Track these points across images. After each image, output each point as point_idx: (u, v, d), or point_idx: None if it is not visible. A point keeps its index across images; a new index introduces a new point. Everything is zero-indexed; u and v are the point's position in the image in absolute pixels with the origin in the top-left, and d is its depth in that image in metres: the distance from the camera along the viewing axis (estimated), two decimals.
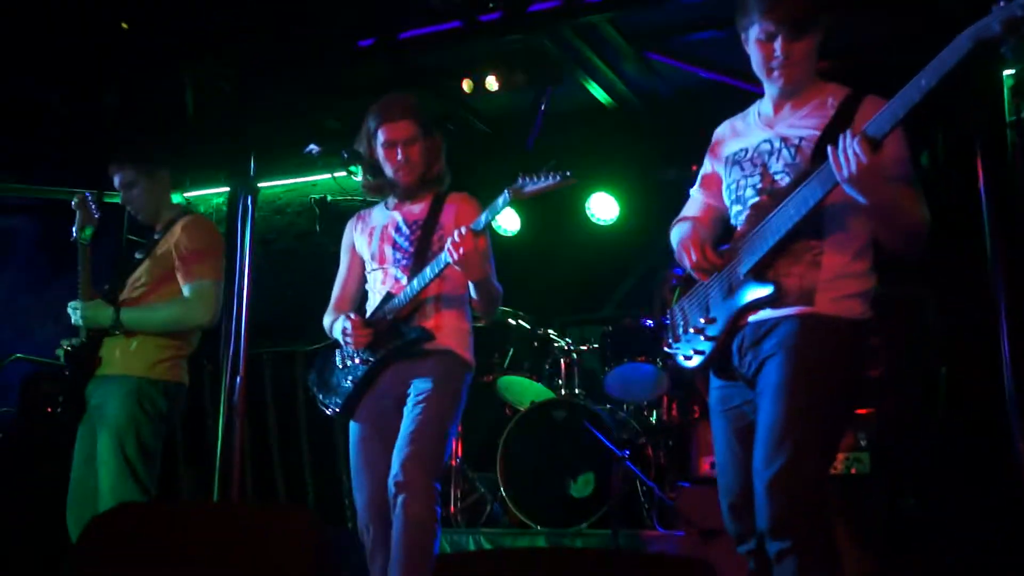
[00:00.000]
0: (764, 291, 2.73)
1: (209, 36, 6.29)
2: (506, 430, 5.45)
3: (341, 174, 3.85)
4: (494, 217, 3.34)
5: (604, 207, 7.21)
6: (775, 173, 2.83)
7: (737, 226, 2.94)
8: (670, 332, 3.06)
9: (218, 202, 8.31)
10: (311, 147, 3.68)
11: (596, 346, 5.93)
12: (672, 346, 3.04)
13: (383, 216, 3.73)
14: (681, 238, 2.97)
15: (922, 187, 2.76)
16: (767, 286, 2.73)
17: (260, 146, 6.25)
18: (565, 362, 5.94)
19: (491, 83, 6.35)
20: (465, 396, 3.56)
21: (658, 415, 5.84)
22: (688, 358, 2.95)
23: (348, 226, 3.85)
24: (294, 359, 6.98)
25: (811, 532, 2.57)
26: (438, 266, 3.41)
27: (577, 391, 5.81)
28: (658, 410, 5.84)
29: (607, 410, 5.55)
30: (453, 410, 3.49)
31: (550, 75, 6.46)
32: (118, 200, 4.33)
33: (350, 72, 6.43)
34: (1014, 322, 5.01)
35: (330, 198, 7.65)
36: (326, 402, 3.69)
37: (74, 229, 4.10)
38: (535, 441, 5.43)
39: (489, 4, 5.78)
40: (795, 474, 2.58)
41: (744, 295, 2.78)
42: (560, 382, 5.90)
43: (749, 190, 2.90)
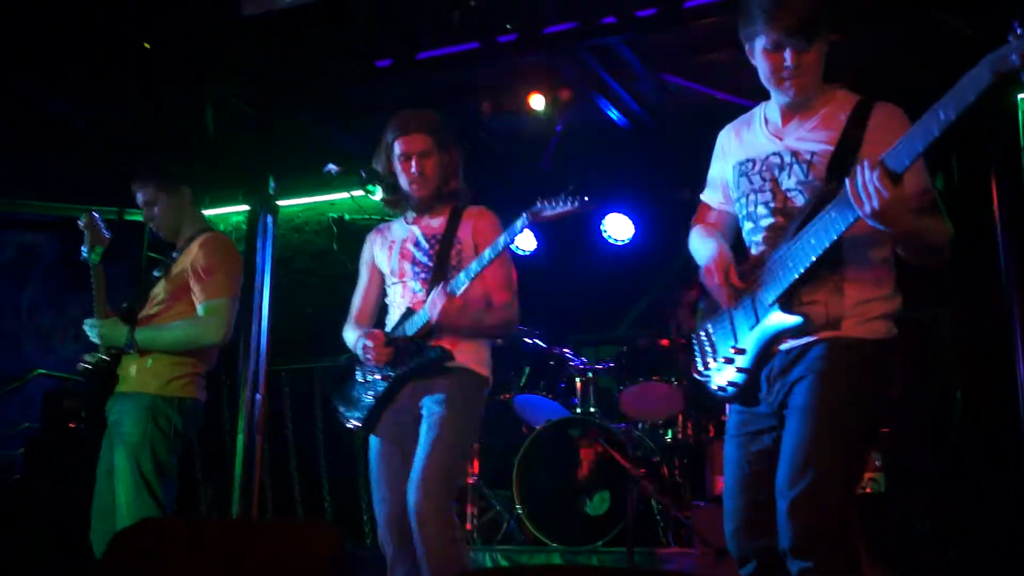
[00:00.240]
0: (792, 320, 2.68)
1: (229, 57, 6.35)
2: (522, 448, 5.46)
3: (359, 193, 3.87)
4: (512, 240, 3.37)
5: (619, 227, 7.25)
6: (788, 191, 2.78)
7: (751, 244, 2.90)
8: (699, 358, 3.02)
9: (237, 220, 8.37)
10: (329, 166, 3.69)
11: (611, 365, 5.94)
12: (703, 374, 3.00)
13: (402, 230, 3.74)
14: (707, 259, 2.90)
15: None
16: (795, 316, 2.68)
17: (279, 165, 6.36)
18: (580, 381, 5.94)
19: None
20: (483, 411, 3.58)
21: (673, 434, 5.85)
22: (723, 390, 2.91)
23: (367, 239, 3.87)
24: (312, 376, 7.01)
25: (833, 553, 2.55)
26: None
27: (592, 409, 5.82)
28: (673, 429, 5.85)
29: (622, 429, 5.56)
30: (470, 429, 3.51)
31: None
32: (139, 218, 4.36)
33: (368, 92, 6.48)
34: None
35: (348, 217, 7.74)
36: (347, 416, 3.71)
37: (84, 249, 4.11)
38: (551, 459, 5.46)
39: (506, 25, 5.82)
40: (819, 496, 2.56)
41: (772, 326, 2.73)
42: (575, 401, 5.91)
43: (762, 207, 2.84)
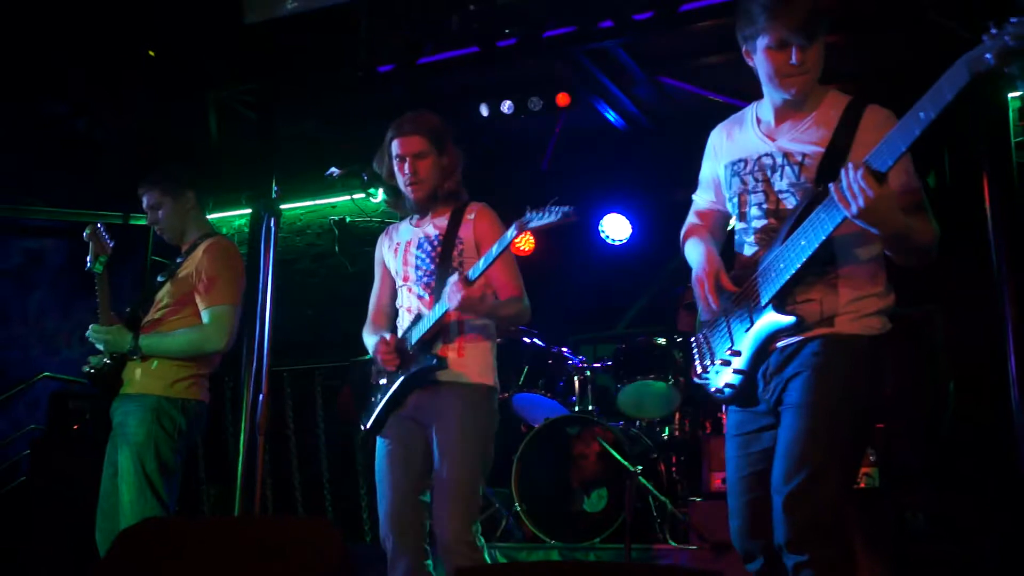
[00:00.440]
0: (786, 320, 2.72)
1: (233, 64, 6.41)
2: (521, 446, 5.50)
3: (360, 196, 3.90)
4: (501, 250, 3.37)
5: (617, 227, 7.32)
6: (780, 192, 2.80)
7: (743, 244, 2.94)
8: (697, 362, 3.06)
9: (240, 223, 8.44)
10: (332, 170, 3.71)
11: (609, 363, 5.98)
12: (701, 377, 3.04)
13: (407, 232, 3.77)
14: (697, 268, 2.93)
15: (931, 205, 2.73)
16: (789, 316, 2.71)
17: (282, 169, 6.42)
18: (579, 379, 6.00)
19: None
20: (495, 416, 3.60)
21: (670, 431, 5.91)
22: (720, 392, 2.95)
23: (378, 241, 3.89)
24: (313, 376, 7.07)
25: (828, 547, 2.59)
26: (440, 310, 3.46)
27: (591, 407, 5.86)
28: (670, 426, 5.91)
29: (620, 426, 5.60)
30: (484, 443, 3.53)
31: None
32: (144, 222, 4.40)
33: (370, 97, 6.54)
34: (1021, 339, 5.05)
35: (349, 219, 7.81)
36: (361, 418, 3.74)
37: (88, 259, 4.17)
38: (549, 457, 5.50)
39: (505, 30, 5.87)
40: (814, 491, 2.60)
41: (767, 326, 2.76)
42: (573, 399, 5.96)
43: (754, 208, 2.87)
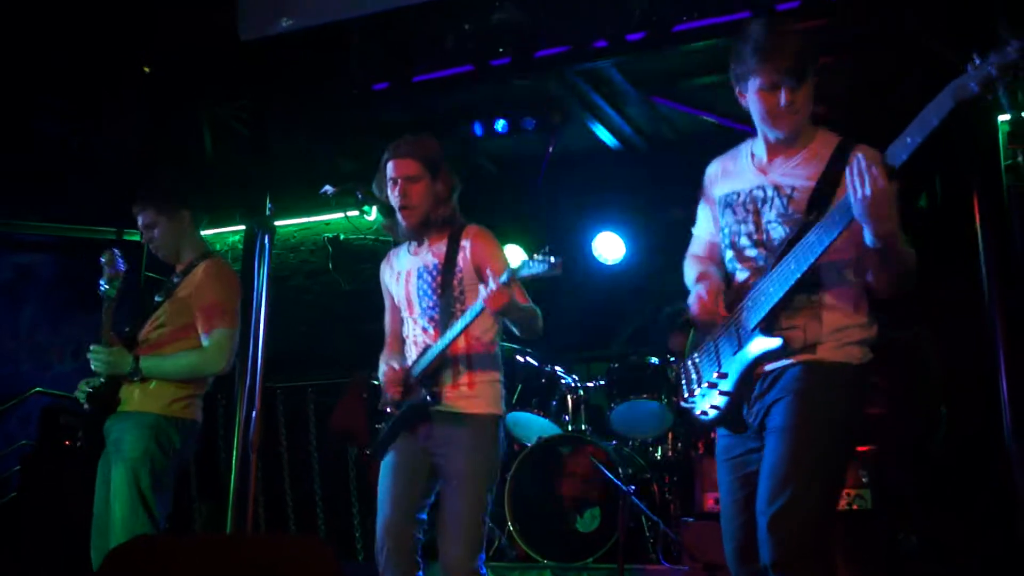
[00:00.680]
0: (773, 344, 2.78)
1: (227, 81, 6.42)
2: (514, 465, 5.50)
3: (354, 213, 3.91)
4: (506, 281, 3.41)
5: (610, 247, 7.33)
6: (768, 222, 2.87)
7: (734, 272, 3.00)
8: (684, 387, 3.11)
9: (233, 240, 8.43)
10: (326, 188, 3.72)
11: (602, 383, 6.00)
12: (688, 400, 3.08)
13: (407, 260, 3.76)
14: (699, 287, 2.98)
15: (921, 228, 2.81)
16: (776, 339, 2.77)
17: (276, 186, 6.42)
18: (572, 398, 6.00)
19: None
20: (503, 444, 3.62)
21: (663, 451, 5.91)
22: (704, 413, 3.00)
23: (381, 268, 3.89)
24: (306, 393, 7.06)
25: (811, 568, 2.64)
26: (472, 314, 3.45)
27: (584, 427, 5.87)
28: (663, 446, 5.91)
29: (613, 446, 5.62)
30: (491, 472, 3.54)
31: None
32: (137, 238, 4.41)
33: (364, 114, 6.56)
34: (1012, 361, 5.07)
35: (343, 237, 7.81)
36: (373, 447, 3.73)
37: (102, 282, 4.19)
38: (542, 476, 5.50)
39: (499, 49, 5.90)
40: (797, 512, 2.65)
41: (754, 349, 2.83)
42: (567, 418, 5.96)
43: (744, 239, 2.94)
